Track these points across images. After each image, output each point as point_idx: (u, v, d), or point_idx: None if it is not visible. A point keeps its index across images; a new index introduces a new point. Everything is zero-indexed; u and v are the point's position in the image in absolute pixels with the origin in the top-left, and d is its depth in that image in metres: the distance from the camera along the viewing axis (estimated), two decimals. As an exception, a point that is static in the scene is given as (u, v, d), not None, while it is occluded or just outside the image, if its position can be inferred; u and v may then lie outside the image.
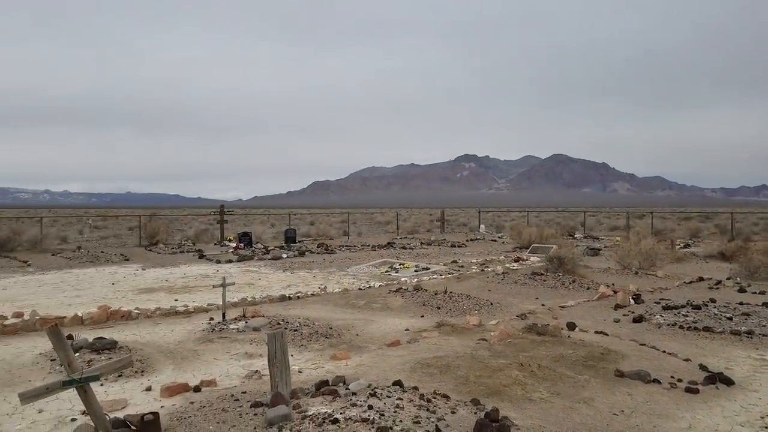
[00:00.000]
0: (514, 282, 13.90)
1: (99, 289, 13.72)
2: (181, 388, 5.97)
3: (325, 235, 33.41)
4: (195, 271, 17.29)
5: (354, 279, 15.21)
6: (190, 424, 4.97)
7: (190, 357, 7.53)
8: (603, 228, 42.60)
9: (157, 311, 10.39)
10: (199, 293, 12.92)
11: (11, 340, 8.43)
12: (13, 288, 13.79)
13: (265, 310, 10.28)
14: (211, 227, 33.47)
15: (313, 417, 5.02)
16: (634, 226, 37.07)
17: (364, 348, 7.98)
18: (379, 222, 49.75)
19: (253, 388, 6.08)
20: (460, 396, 5.79)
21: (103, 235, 34.08)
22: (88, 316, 9.66)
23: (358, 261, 19.71)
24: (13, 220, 30.73)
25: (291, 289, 13.32)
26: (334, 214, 58.00)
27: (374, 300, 11.58)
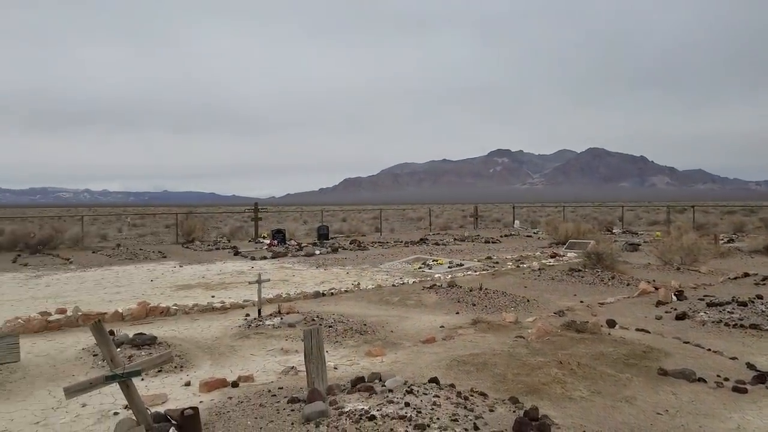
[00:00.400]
0: (551, 278, 13.67)
1: (138, 285, 14.00)
2: (219, 384, 6.03)
3: (358, 231, 33.48)
4: (230, 267, 17.51)
5: (387, 275, 15.19)
6: (228, 420, 5.01)
7: (227, 353, 7.61)
8: (642, 223, 41.67)
9: (195, 307, 10.55)
10: (234, 290, 13.07)
11: (55, 335, 8.65)
12: (56, 285, 14.17)
13: (299, 306, 10.33)
14: (246, 224, 33.89)
15: (350, 413, 5.01)
16: (674, 220, 36.16)
17: (398, 345, 7.94)
18: (411, 218, 49.66)
19: (290, 383, 6.11)
20: (498, 394, 5.71)
21: (141, 232, 34.83)
22: (128, 313, 9.86)
23: (390, 257, 19.69)
24: (55, 218, 31.71)
25: (325, 285, 13.37)
26: (365, 210, 58.09)
27: (408, 296, 11.53)
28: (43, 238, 23.51)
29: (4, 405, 5.64)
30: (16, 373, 6.43)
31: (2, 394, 5.94)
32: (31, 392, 6.01)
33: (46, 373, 6.63)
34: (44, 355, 7.34)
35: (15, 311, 10.44)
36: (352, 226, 35.33)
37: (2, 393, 5.95)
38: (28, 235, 23.76)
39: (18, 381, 6.30)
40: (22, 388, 6.12)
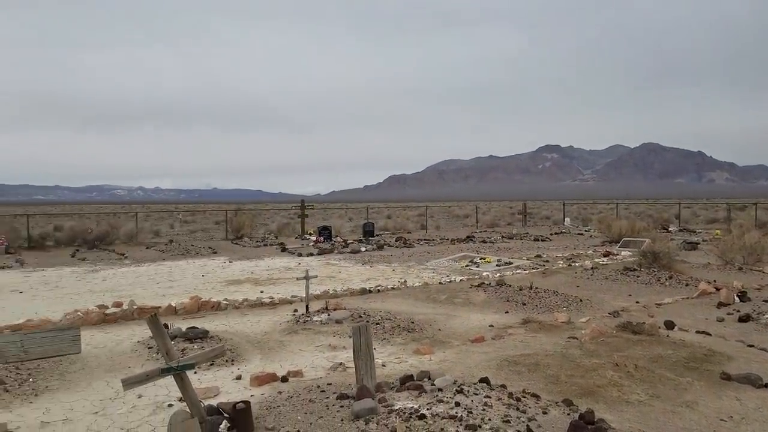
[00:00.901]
0: (605, 278, 13.28)
1: (190, 280, 14.33)
2: (269, 378, 6.08)
3: (403, 228, 33.43)
4: (278, 263, 17.73)
5: (434, 273, 15.07)
6: (279, 414, 5.04)
7: (277, 347, 7.68)
8: (700, 221, 40.10)
9: (245, 302, 10.71)
10: (282, 285, 13.21)
11: (112, 328, 8.93)
12: (112, 279, 14.65)
13: (346, 302, 10.34)
14: (292, 221, 34.33)
15: (400, 411, 4.96)
16: (735, 218, 34.67)
17: (447, 343, 7.85)
18: (457, 215, 49.28)
19: (338, 380, 6.10)
20: (551, 396, 5.56)
21: (192, 229, 35.73)
22: (181, 306, 10.09)
23: (437, 255, 19.55)
24: (110, 215, 32.87)
25: (371, 282, 13.36)
26: (410, 207, 58.00)
27: (456, 295, 11.40)
28: (100, 234, 24.39)
29: (65, 395, 5.84)
30: (75, 363, 6.65)
31: (63, 384, 6.15)
32: (90, 383, 6.20)
33: (103, 364, 6.83)
34: (102, 347, 7.58)
35: (74, 304, 10.84)
36: (398, 224, 35.29)
37: (63, 383, 6.17)
38: (86, 231, 24.70)
39: (77, 372, 6.52)
40: (82, 379, 6.32)
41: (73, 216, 36.31)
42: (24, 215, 28.75)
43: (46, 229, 26.53)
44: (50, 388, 5.99)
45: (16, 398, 5.68)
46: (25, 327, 8.38)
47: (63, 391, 5.93)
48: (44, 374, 6.30)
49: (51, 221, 32.05)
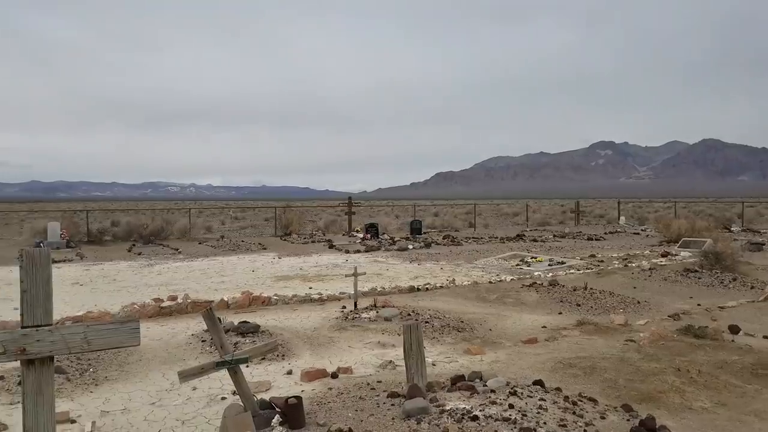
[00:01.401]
0: (663, 279, 12.78)
1: (241, 275, 14.57)
2: (319, 374, 6.09)
3: (450, 226, 33.17)
4: (326, 260, 17.84)
5: (483, 272, 14.86)
6: (329, 410, 5.03)
7: (326, 343, 7.70)
8: (765, 220, 38.26)
9: (294, 298, 10.80)
10: (330, 282, 13.27)
11: (167, 321, 9.14)
12: (167, 273, 15.05)
13: (394, 300, 10.29)
14: (339, 218, 34.54)
15: (452, 412, 4.88)
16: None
17: (498, 344, 7.70)
18: (506, 213, 48.57)
19: (388, 378, 6.06)
20: (609, 401, 5.38)
21: (242, 225, 36.43)
22: (233, 301, 10.26)
23: (486, 253, 19.27)
24: (164, 211, 33.85)
25: (419, 280, 13.27)
26: (458, 205, 57.51)
27: (506, 294, 11.19)
28: (155, 230, 25.15)
29: (124, 385, 6.01)
30: (133, 355, 6.84)
31: (121, 374, 6.33)
32: (147, 374, 6.35)
33: (159, 356, 6.99)
34: (158, 339, 7.76)
35: (131, 297, 11.17)
36: (445, 221, 35.03)
37: (122, 373, 6.35)
38: (142, 226, 25.52)
39: (135, 363, 6.69)
40: (139, 370, 6.49)
41: (129, 212, 37.58)
42: (84, 211, 29.93)
43: (104, 224, 27.53)
44: (109, 379, 6.18)
45: (77, 387, 5.87)
46: (85, 318, 8.68)
47: (121, 382, 6.10)
48: (104, 365, 6.50)
49: (109, 217, 33.25)
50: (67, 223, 24.58)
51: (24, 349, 2.92)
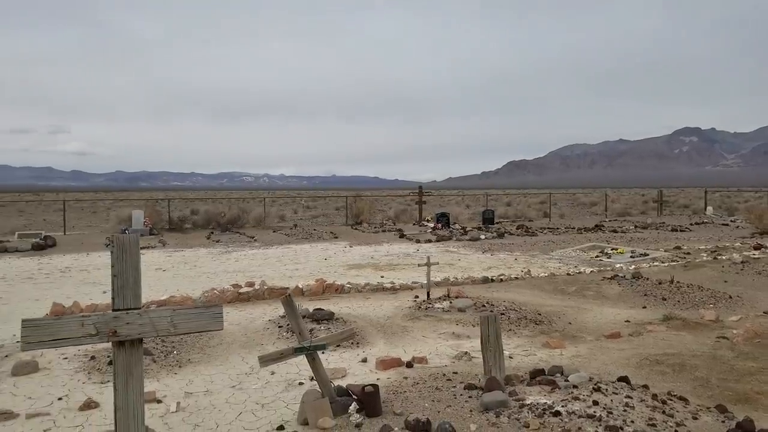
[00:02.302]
0: (757, 273, 11.92)
1: (314, 263, 14.80)
2: (394, 363, 6.06)
3: (524, 216, 32.40)
4: (397, 249, 17.84)
5: (560, 263, 14.38)
6: (405, 399, 4.97)
7: (400, 332, 7.66)
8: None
9: (366, 286, 10.84)
10: (402, 271, 13.24)
11: (245, 306, 9.39)
12: (244, 260, 15.51)
13: (467, 291, 10.12)
14: (409, 208, 34.45)
15: (532, 406, 4.72)
16: None
17: (578, 338, 7.41)
18: (583, 203, 46.96)
19: (464, 369, 5.95)
20: (701, 401, 5.05)
21: (314, 214, 37.07)
22: (308, 288, 10.42)
23: (562, 244, 18.66)
24: (240, 200, 34.94)
25: (492, 271, 13.01)
26: (531, 194, 56.17)
27: (586, 287, 10.76)
28: (232, 218, 26.00)
29: (205, 367, 6.20)
30: (214, 338, 7.05)
31: (203, 357, 6.53)
32: (227, 357, 6.53)
33: (238, 340, 7.18)
34: (237, 324, 7.97)
35: (211, 283, 11.57)
36: (518, 211, 34.26)
37: (203, 356, 6.55)
38: (219, 215, 26.45)
39: (216, 346, 6.90)
40: (219, 353, 6.68)
41: (207, 201, 39.10)
42: (165, 200, 31.39)
43: (184, 212, 28.74)
44: (192, 361, 6.39)
45: (162, 369, 6.11)
46: (168, 303, 9.06)
47: (203, 364, 6.29)
48: (186, 347, 6.73)
49: (188, 206, 34.71)
50: (149, 211, 25.82)
51: (115, 331, 3.01)
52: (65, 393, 5.43)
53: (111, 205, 44.50)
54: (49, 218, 33.60)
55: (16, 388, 5.59)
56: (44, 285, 11.69)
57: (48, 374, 5.97)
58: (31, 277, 12.70)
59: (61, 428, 4.66)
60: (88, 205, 48.64)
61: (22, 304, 9.73)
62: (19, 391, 5.51)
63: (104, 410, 4.95)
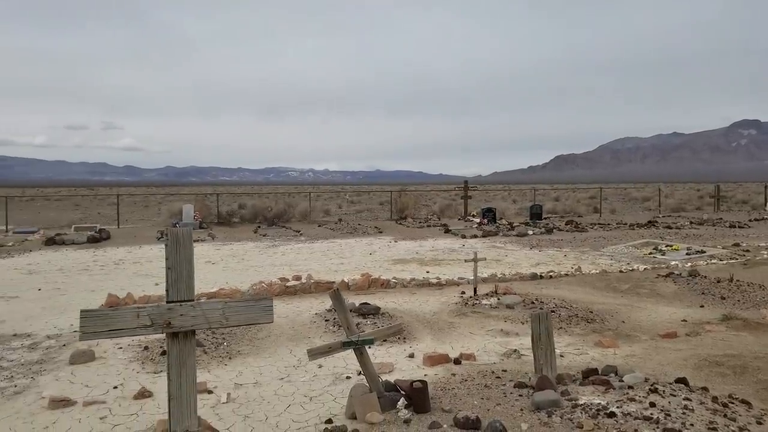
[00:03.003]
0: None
1: (359, 258, 14.83)
2: (442, 359, 5.99)
3: (573, 211, 31.68)
4: (442, 244, 17.71)
5: (611, 260, 13.98)
6: (454, 396, 4.90)
7: (446, 328, 7.58)
8: None
9: (412, 282, 10.78)
10: (447, 266, 13.13)
11: (292, 299, 9.47)
12: (290, 254, 15.68)
13: (515, 287, 9.93)
14: (454, 203, 34.21)
15: (586, 407, 4.59)
16: None
17: (632, 337, 7.17)
18: (634, 198, 45.61)
19: (513, 367, 5.83)
20: (765, 405, 4.85)
21: (358, 209, 37.23)
22: (353, 282, 10.44)
23: (614, 240, 18.14)
24: (285, 195, 35.40)
25: (541, 267, 12.75)
26: (580, 189, 54.88)
27: (640, 284, 10.41)
28: (278, 212, 26.36)
29: (254, 359, 6.27)
30: (262, 331, 7.13)
31: (252, 349, 6.61)
32: (275, 350, 6.59)
33: (286, 333, 7.24)
34: (284, 317, 8.05)
35: (258, 276, 11.73)
36: (567, 206, 33.53)
37: (252, 348, 6.64)
38: (266, 209, 26.85)
39: (264, 339, 6.97)
40: (267, 345, 6.75)
41: (254, 195, 39.79)
42: (214, 194, 32.07)
43: (232, 207, 29.24)
44: (241, 353, 6.48)
45: (213, 360, 6.21)
46: (218, 295, 9.23)
47: (252, 356, 6.37)
48: (236, 339, 6.83)
49: (236, 200, 35.34)
50: (199, 205, 26.45)
51: (169, 323, 3.05)
52: (120, 382, 5.59)
53: (162, 199, 45.86)
54: (103, 212, 34.86)
55: (74, 376, 5.79)
56: (99, 276, 12.10)
57: (104, 363, 6.15)
58: (87, 268, 13.16)
59: (116, 416, 4.79)
60: (140, 200, 50.27)
61: (78, 294, 10.09)
62: (76, 379, 5.70)
63: (157, 399, 5.06)
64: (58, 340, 7.13)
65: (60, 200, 50.35)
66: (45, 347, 6.83)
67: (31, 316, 8.46)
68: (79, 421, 4.69)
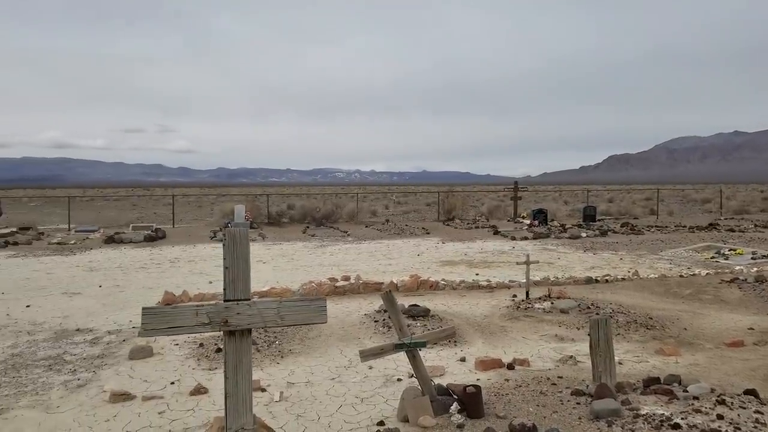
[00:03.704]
0: None
1: (406, 259, 14.77)
2: (495, 364, 5.87)
3: (628, 213, 30.70)
4: (491, 246, 17.45)
5: (670, 264, 13.45)
6: (508, 402, 4.79)
7: (498, 332, 7.43)
8: None
9: (461, 284, 10.64)
10: (498, 269, 12.91)
11: (341, 299, 9.49)
12: (338, 254, 15.76)
13: (569, 291, 9.66)
14: (503, 204, 33.71)
15: (648, 417, 4.41)
16: None
17: (695, 345, 6.85)
18: (693, 200, 43.89)
19: (569, 374, 5.65)
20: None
21: (405, 210, 37.14)
22: (402, 284, 10.38)
23: (672, 244, 17.47)
24: (333, 195, 35.69)
25: (596, 271, 12.38)
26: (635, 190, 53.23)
27: (702, 290, 9.96)
28: (326, 213, 26.58)
29: (305, 359, 6.30)
30: (312, 331, 7.16)
31: (303, 348, 6.65)
32: (326, 350, 6.61)
33: (336, 333, 7.25)
34: (334, 317, 8.05)
35: (308, 276, 11.83)
36: (621, 208, 32.53)
37: (303, 348, 6.67)
38: (314, 209, 27.12)
39: (314, 338, 7.00)
40: (318, 345, 6.77)
41: (302, 196, 40.33)
42: (263, 195, 32.59)
43: (281, 207, 29.67)
44: (293, 352, 6.52)
45: (265, 358, 6.28)
46: (269, 294, 9.34)
47: (304, 356, 6.41)
48: (287, 338, 6.88)
49: (284, 201, 35.86)
50: (250, 205, 26.92)
51: (226, 321, 3.08)
52: (177, 378, 5.70)
53: (214, 199, 47.01)
54: (158, 212, 35.97)
55: (133, 371, 5.95)
56: (156, 274, 12.45)
57: (161, 359, 6.30)
58: (144, 266, 13.58)
59: (174, 411, 4.88)
60: (194, 200, 51.68)
61: (137, 291, 10.40)
62: (135, 374, 5.86)
63: (213, 396, 5.14)
64: (118, 335, 7.36)
65: (118, 200, 52.32)
66: (106, 342, 7.06)
67: (93, 312, 8.77)
68: (139, 415, 4.80)
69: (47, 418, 4.78)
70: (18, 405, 5.05)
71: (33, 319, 8.24)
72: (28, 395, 5.29)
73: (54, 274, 12.41)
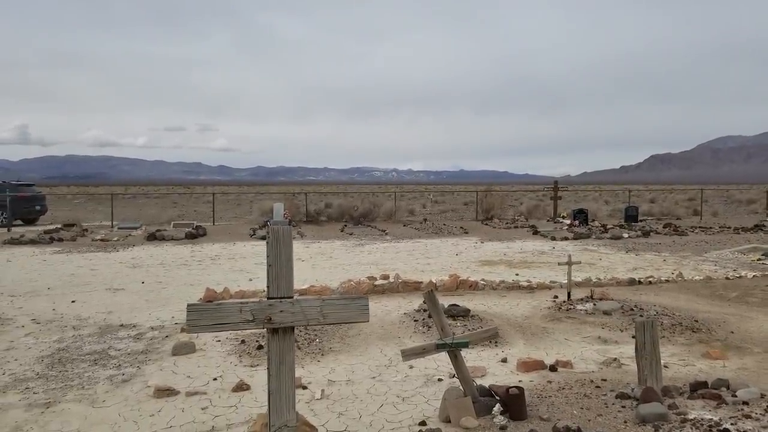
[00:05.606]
0: None
1: (445, 258, 14.71)
2: (537, 365, 5.79)
3: (671, 214, 29.91)
4: (530, 246, 17.24)
5: (716, 266, 13.05)
6: (551, 405, 4.73)
7: (540, 333, 7.33)
8: None
9: (501, 284, 10.53)
10: (538, 269, 12.75)
11: (380, 298, 9.51)
12: (376, 253, 15.80)
13: (612, 292, 9.46)
14: (542, 203, 33.24)
15: (696, 422, 4.29)
16: None
17: (744, 349, 6.63)
18: (738, 201, 42.43)
19: (614, 377, 5.54)
20: None
21: (443, 209, 36.99)
22: (441, 283, 10.34)
23: (717, 245, 16.94)
24: (370, 194, 35.77)
25: (638, 272, 12.10)
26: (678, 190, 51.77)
27: (749, 293, 9.63)
28: (364, 211, 26.68)
29: (346, 357, 6.34)
30: (352, 329, 7.19)
31: (343, 347, 6.69)
32: (366, 349, 6.63)
33: (376, 332, 7.27)
34: (373, 316, 8.06)
35: (346, 274, 11.89)
36: (664, 208, 31.71)
37: (343, 346, 6.71)
38: (352, 208, 27.25)
39: (354, 337, 7.03)
40: (359, 344, 6.80)
41: (340, 195, 40.55)
42: (302, 193, 32.94)
43: (319, 206, 29.91)
44: (333, 350, 6.57)
45: (306, 356, 6.34)
46: (309, 292, 9.43)
47: (344, 354, 6.44)
48: (327, 336, 6.93)
49: (322, 199, 36.14)
50: (288, 204, 27.22)
51: (270, 318, 3.11)
52: (219, 374, 5.81)
53: (253, 198, 47.70)
54: (199, 209, 36.72)
55: (176, 366, 6.08)
56: (197, 271, 12.71)
57: (203, 355, 6.42)
58: (185, 263, 13.87)
59: (216, 407, 4.97)
60: (233, 198, 52.56)
61: (179, 288, 10.63)
62: (178, 369, 5.98)
63: (255, 393, 5.21)
64: (161, 331, 7.54)
65: (159, 198, 53.63)
66: (149, 338, 7.23)
67: (136, 307, 9.00)
68: (182, 410, 4.91)
69: (93, 412, 4.92)
70: (65, 399, 5.21)
71: (78, 315, 8.49)
72: (74, 389, 5.45)
73: (98, 270, 12.77)
